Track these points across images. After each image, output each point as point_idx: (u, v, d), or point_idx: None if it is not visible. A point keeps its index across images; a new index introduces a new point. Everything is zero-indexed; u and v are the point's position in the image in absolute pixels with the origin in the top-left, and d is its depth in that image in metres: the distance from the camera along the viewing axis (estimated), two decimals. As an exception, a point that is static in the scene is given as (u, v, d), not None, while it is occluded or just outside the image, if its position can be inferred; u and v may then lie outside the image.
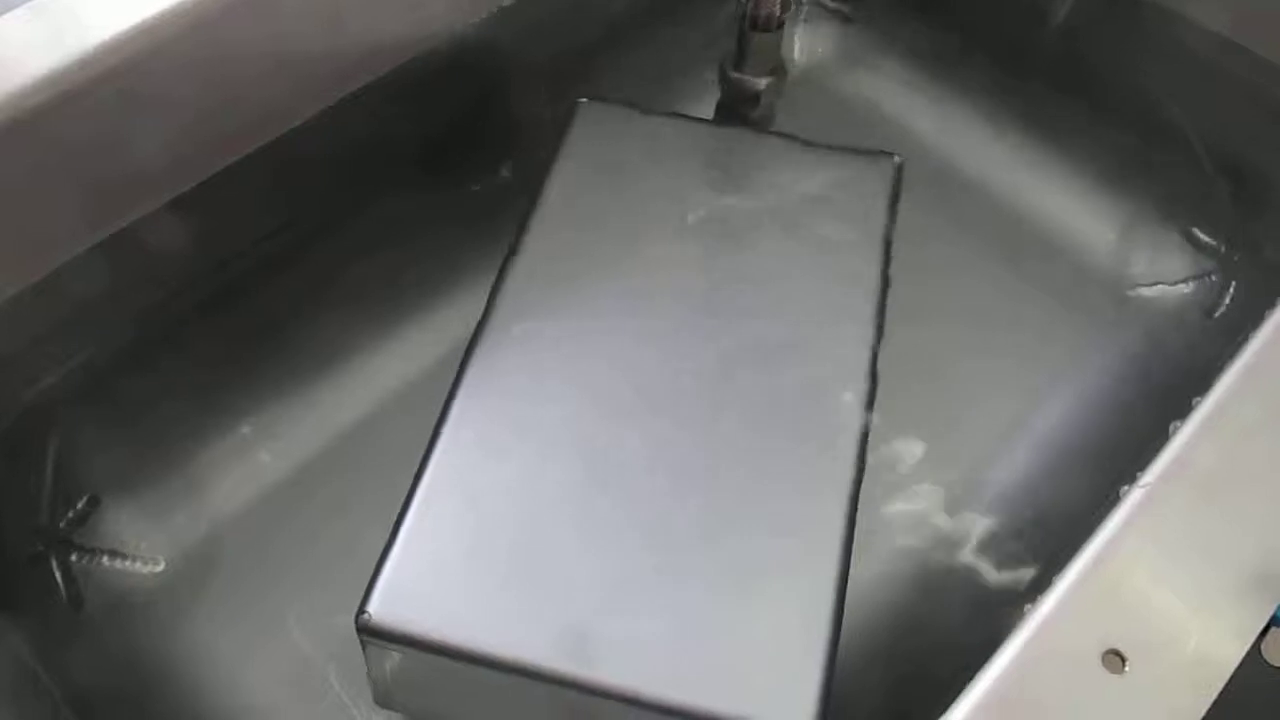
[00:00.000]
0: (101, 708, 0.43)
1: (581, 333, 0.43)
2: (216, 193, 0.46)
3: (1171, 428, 0.31)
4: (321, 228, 0.51)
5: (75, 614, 0.46)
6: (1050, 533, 0.47)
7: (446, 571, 0.37)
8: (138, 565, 0.47)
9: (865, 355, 0.42)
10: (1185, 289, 0.53)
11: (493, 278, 0.44)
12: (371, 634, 0.36)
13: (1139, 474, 0.31)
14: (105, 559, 0.47)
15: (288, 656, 0.45)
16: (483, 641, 0.36)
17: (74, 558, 0.47)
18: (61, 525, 0.47)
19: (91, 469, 0.48)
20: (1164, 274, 0.54)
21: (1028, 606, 0.29)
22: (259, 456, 0.49)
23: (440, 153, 0.53)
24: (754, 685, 0.35)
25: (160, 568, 0.47)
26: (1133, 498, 0.29)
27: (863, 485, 0.40)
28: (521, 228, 0.45)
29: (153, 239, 0.45)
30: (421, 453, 0.39)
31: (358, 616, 0.36)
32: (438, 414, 0.40)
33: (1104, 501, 0.35)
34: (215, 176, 0.45)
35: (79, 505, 0.48)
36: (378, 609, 0.36)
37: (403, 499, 0.38)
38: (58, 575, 0.46)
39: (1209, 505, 0.30)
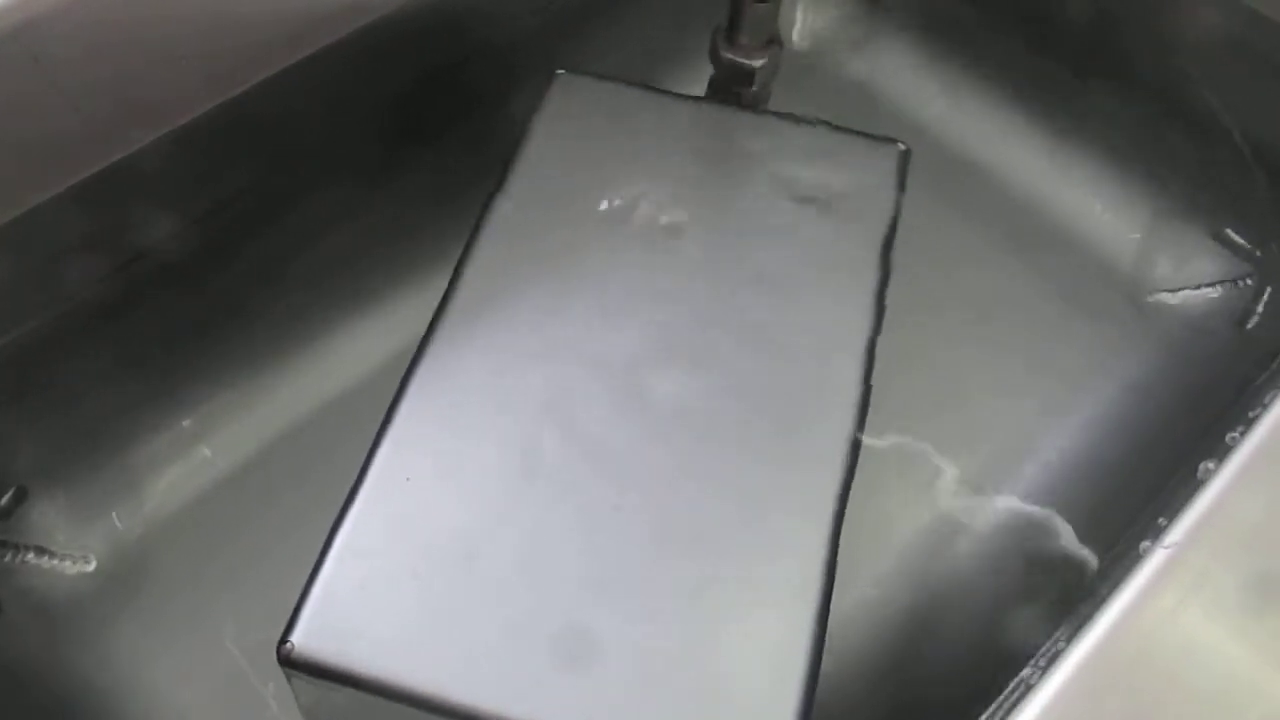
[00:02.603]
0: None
1: (546, 328, 0.39)
2: (154, 164, 0.42)
3: (1201, 470, 0.27)
4: (275, 205, 0.47)
5: (-7, 618, 0.42)
6: (1055, 552, 0.43)
7: (381, 599, 0.33)
8: (66, 564, 0.44)
9: (858, 363, 0.38)
10: (1213, 294, 0.49)
11: (455, 263, 0.40)
12: (295, 666, 0.32)
13: (1160, 520, 0.26)
14: (31, 556, 0.44)
15: (223, 671, 0.42)
16: (419, 679, 0.32)
17: (-4, 554, 0.43)
18: (-17, 519, 0.44)
19: (18, 459, 0.45)
20: (1190, 277, 0.50)
21: (1027, 671, 0.25)
22: (200, 451, 0.46)
23: (404, 126, 0.49)
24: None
25: (91, 567, 0.44)
26: (1155, 559, 0.25)
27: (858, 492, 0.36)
28: (485, 210, 0.41)
29: (85, 212, 0.42)
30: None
31: (279, 647, 0.32)
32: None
33: (1120, 529, 0.31)
34: (151, 146, 0.41)
35: (3, 498, 0.44)
36: (302, 639, 0.32)
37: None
38: (-27, 575, 0.42)
39: (1250, 567, 0.26)
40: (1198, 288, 0.49)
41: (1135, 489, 0.35)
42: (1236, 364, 0.44)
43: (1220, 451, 0.27)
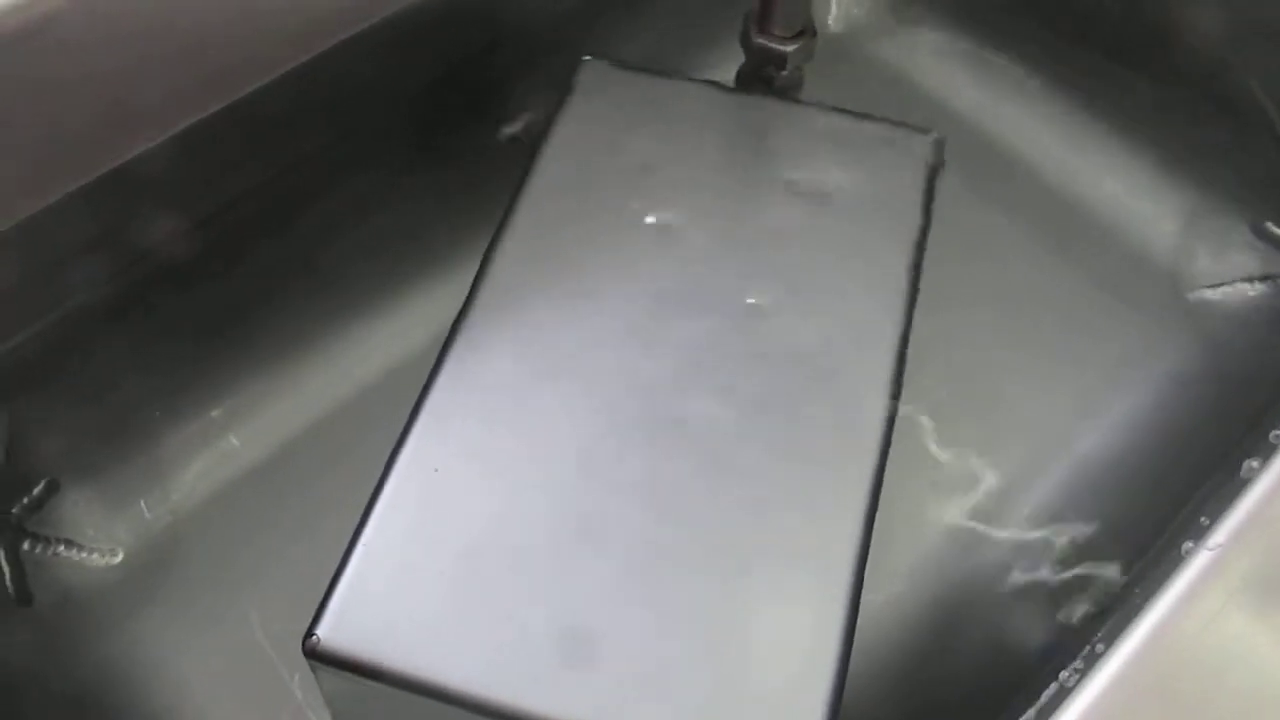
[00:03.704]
0: (44, 713, 0.40)
1: (575, 320, 0.38)
2: (182, 154, 0.42)
3: (1245, 468, 0.26)
4: (302, 197, 0.47)
5: (22, 608, 0.42)
6: (1094, 554, 0.42)
7: (407, 593, 0.33)
8: (94, 556, 0.44)
9: (889, 362, 0.38)
10: (1252, 291, 0.48)
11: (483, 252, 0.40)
12: (320, 659, 0.32)
13: (1203, 520, 0.26)
14: (61, 548, 0.44)
15: (250, 661, 0.42)
16: (445, 673, 0.32)
17: (26, 546, 0.43)
18: (15, 511, 0.44)
19: (49, 451, 0.45)
20: (1230, 272, 0.48)
21: (1064, 674, 0.25)
22: (228, 442, 0.45)
23: (432, 115, 0.49)
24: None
25: (118, 559, 0.44)
26: (1199, 560, 0.24)
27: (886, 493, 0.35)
28: (513, 200, 0.41)
29: (115, 202, 0.41)
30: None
31: (305, 640, 0.32)
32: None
33: (1157, 529, 0.31)
34: (180, 135, 0.41)
35: (36, 490, 0.44)
36: (328, 632, 0.32)
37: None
38: (4, 566, 0.42)
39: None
40: (1236, 283, 0.48)
41: (1172, 487, 0.35)
42: (1278, 360, 0.43)
43: (1265, 450, 0.26)
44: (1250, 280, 0.48)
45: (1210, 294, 0.48)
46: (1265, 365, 0.44)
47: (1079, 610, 0.39)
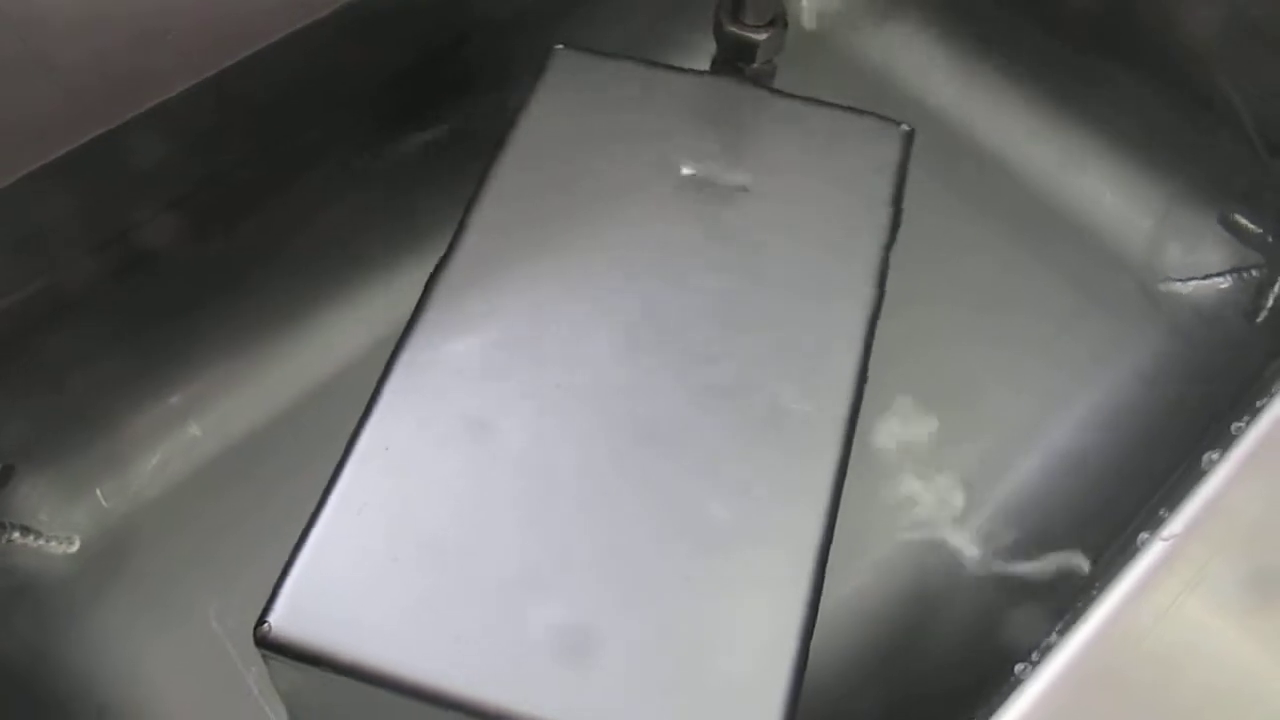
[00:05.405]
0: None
1: (539, 304, 0.38)
2: (143, 138, 0.41)
3: (1205, 460, 0.26)
4: (267, 180, 0.46)
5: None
6: (1061, 546, 0.42)
7: (360, 582, 0.32)
8: (50, 544, 0.43)
9: (854, 349, 0.37)
10: (1223, 284, 0.48)
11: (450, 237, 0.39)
12: (272, 648, 0.31)
13: (1162, 512, 0.25)
14: (17, 535, 0.43)
15: (206, 654, 0.41)
16: (401, 665, 0.31)
17: (-21, 533, 0.43)
18: (-32, 496, 0.43)
19: (5, 436, 0.44)
20: (1200, 266, 0.48)
21: (1018, 667, 0.24)
22: (188, 430, 0.45)
23: (401, 103, 0.48)
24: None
25: (74, 548, 0.43)
26: (1153, 551, 0.24)
27: (852, 484, 0.35)
28: (480, 185, 0.40)
29: (71, 187, 0.41)
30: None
31: (256, 628, 0.31)
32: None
33: (1123, 522, 0.30)
34: (139, 119, 0.40)
35: (-10, 475, 0.43)
36: (280, 620, 0.32)
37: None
38: (-44, 553, 0.42)
39: (1251, 561, 0.25)
40: (1208, 277, 0.48)
41: (1141, 480, 0.34)
42: (1247, 354, 0.43)
43: (1225, 441, 0.26)
44: (1221, 274, 0.48)
45: (1181, 287, 0.48)
46: (1234, 359, 0.44)
47: (1045, 603, 0.38)
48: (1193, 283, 0.48)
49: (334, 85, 0.46)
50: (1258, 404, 0.27)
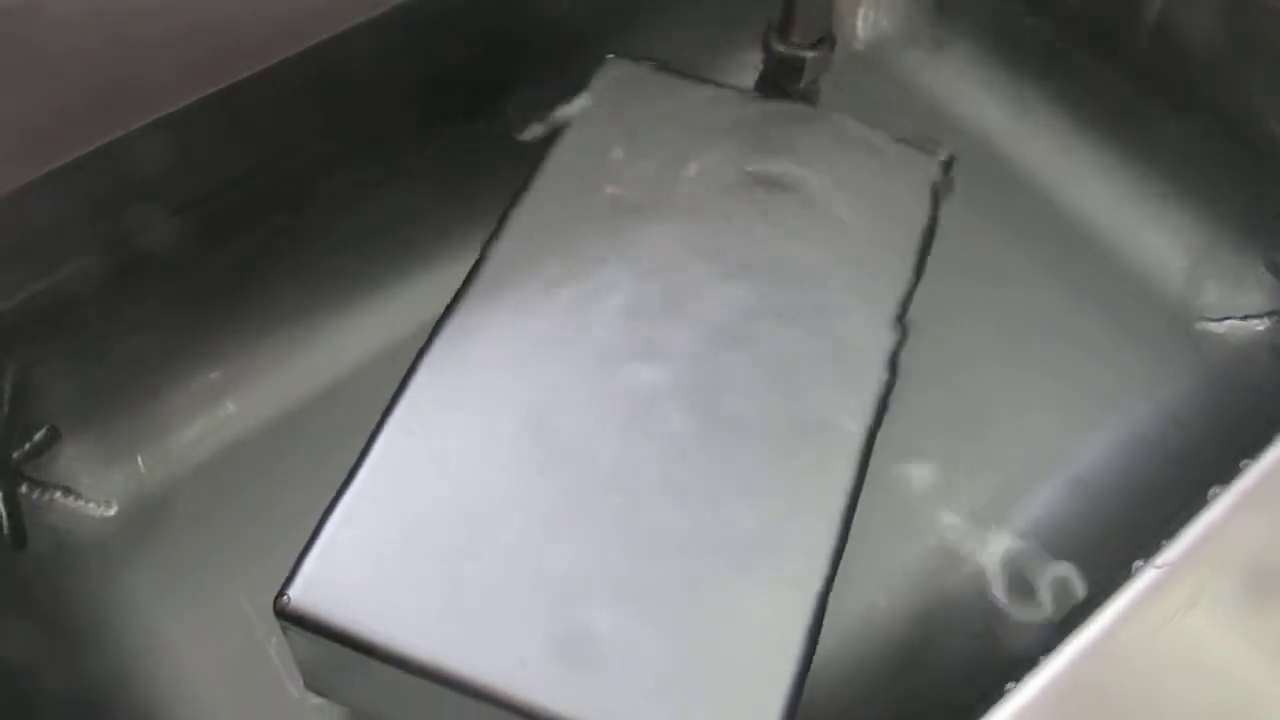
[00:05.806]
0: (25, 653, 0.41)
1: (571, 307, 0.39)
2: (199, 118, 0.42)
3: (1210, 494, 0.26)
4: (315, 172, 0.48)
5: (17, 550, 0.43)
6: (1078, 581, 0.42)
7: (381, 560, 0.33)
8: (90, 506, 0.45)
9: (878, 365, 0.38)
10: (1260, 327, 0.47)
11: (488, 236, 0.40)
12: (290, 620, 0.33)
13: (1164, 542, 0.26)
14: (58, 495, 0.44)
15: (229, 622, 0.42)
16: (414, 645, 0.32)
17: (24, 490, 0.44)
18: (15, 455, 0.44)
19: (52, 400, 0.45)
20: (1238, 307, 0.48)
21: (1009, 686, 0.25)
22: (225, 406, 0.46)
23: (447, 102, 0.49)
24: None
25: (112, 511, 0.45)
26: (1146, 577, 0.24)
27: (869, 508, 0.36)
28: (523, 188, 0.42)
29: (127, 164, 0.42)
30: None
31: (276, 599, 0.33)
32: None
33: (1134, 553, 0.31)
34: (199, 102, 0.42)
35: (37, 436, 0.45)
36: (300, 593, 0.33)
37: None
38: (1, 508, 0.43)
39: (1249, 595, 0.25)
40: (1245, 318, 0.48)
41: (1157, 512, 0.35)
42: (1276, 397, 0.43)
43: (1231, 476, 0.26)
44: (1259, 316, 0.48)
45: (1216, 327, 0.48)
46: (1264, 402, 0.44)
47: (1054, 626, 0.39)
48: (1228, 322, 0.48)
49: (385, 80, 0.47)
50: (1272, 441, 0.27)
